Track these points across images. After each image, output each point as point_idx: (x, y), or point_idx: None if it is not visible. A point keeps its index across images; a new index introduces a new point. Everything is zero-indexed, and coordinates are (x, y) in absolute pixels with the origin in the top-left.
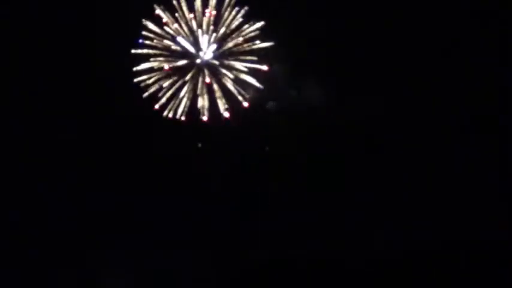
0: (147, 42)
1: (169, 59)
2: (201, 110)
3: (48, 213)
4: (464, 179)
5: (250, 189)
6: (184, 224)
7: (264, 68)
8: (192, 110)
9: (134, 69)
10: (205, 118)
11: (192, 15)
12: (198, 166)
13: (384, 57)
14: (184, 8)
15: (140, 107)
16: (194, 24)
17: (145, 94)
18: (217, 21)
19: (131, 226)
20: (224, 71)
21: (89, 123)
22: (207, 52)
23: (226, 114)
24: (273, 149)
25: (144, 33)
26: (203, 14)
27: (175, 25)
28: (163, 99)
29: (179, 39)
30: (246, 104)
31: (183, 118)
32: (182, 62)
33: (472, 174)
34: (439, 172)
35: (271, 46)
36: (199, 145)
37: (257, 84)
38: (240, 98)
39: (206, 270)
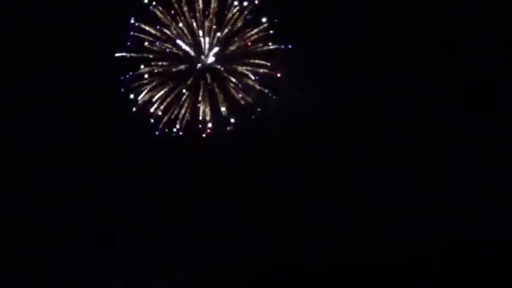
0: (139, 44)
1: (165, 63)
2: (202, 122)
3: (48, 212)
4: (464, 179)
5: (250, 189)
6: (184, 224)
7: (278, 74)
8: (192, 122)
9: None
10: (207, 131)
11: (191, 14)
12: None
13: (383, 58)
14: (183, 5)
15: (131, 119)
16: (194, 24)
17: (136, 106)
18: (220, 20)
19: (131, 227)
20: (228, 75)
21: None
22: (209, 55)
23: (231, 127)
24: (273, 149)
25: (134, 33)
26: (204, 12)
27: (173, 24)
28: (159, 112)
29: (177, 41)
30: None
31: (181, 133)
32: (180, 67)
33: (472, 174)
34: (439, 172)
35: (282, 49)
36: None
37: (269, 94)
38: (243, 102)
39: (206, 270)
